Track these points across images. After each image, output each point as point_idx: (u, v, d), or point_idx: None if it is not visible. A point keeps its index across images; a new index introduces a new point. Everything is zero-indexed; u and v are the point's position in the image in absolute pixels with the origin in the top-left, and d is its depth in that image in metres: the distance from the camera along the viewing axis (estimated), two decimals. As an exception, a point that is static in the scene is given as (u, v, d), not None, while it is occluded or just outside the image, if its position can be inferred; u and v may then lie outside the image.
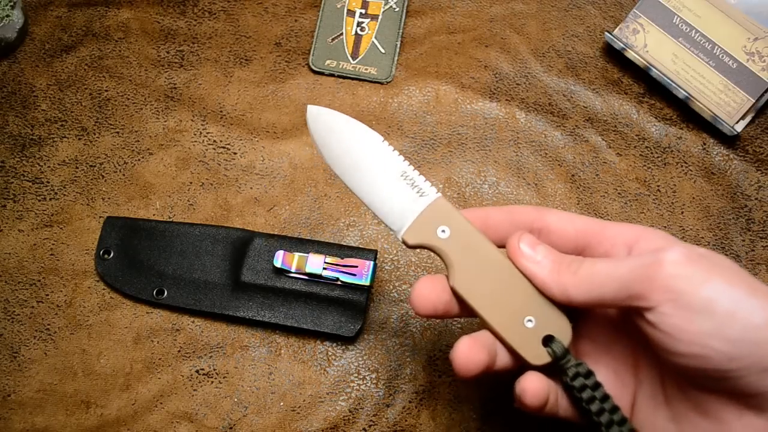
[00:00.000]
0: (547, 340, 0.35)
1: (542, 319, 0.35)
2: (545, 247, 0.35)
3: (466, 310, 0.36)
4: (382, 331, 0.49)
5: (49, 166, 0.52)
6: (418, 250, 0.50)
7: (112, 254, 0.50)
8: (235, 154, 0.53)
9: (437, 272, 0.50)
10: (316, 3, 0.57)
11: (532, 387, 0.34)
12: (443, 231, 0.36)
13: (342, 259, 0.48)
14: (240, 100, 0.54)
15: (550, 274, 0.34)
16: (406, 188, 0.37)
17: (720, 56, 0.52)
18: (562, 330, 0.35)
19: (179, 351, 0.48)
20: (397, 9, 0.56)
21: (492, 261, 0.35)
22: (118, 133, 0.53)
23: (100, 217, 0.51)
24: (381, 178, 0.37)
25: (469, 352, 0.34)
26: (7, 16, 0.54)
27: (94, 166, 0.52)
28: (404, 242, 0.37)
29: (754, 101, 0.52)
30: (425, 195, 0.37)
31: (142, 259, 0.49)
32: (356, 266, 0.47)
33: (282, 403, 0.47)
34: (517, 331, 0.35)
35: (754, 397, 0.30)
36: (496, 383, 0.47)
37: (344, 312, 0.48)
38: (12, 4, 0.54)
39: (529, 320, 0.35)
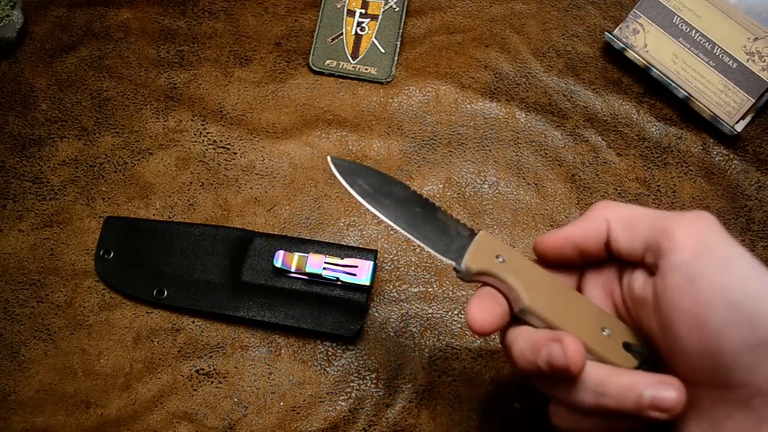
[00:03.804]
0: (626, 347, 0.35)
1: (614, 329, 0.35)
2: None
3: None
4: (382, 331, 0.49)
5: (49, 166, 0.52)
6: (418, 250, 0.50)
7: (112, 254, 0.50)
8: (235, 154, 0.53)
9: (438, 272, 0.50)
10: (316, 3, 0.57)
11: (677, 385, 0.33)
12: (499, 257, 0.36)
13: (342, 259, 0.48)
14: (240, 100, 0.54)
15: (581, 220, 0.35)
16: (448, 226, 0.38)
17: (720, 56, 0.52)
18: (635, 336, 0.35)
19: (179, 351, 0.48)
20: (397, 9, 0.56)
21: (551, 283, 0.36)
22: (118, 133, 0.53)
23: (100, 217, 0.51)
24: (424, 220, 0.38)
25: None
26: (7, 16, 0.54)
27: (94, 166, 0.52)
28: (467, 270, 0.36)
29: (754, 101, 0.52)
30: (466, 237, 0.37)
31: (142, 259, 0.49)
32: (356, 266, 0.47)
33: (282, 403, 0.47)
34: (600, 340, 0.34)
35: (743, 388, 0.30)
36: (496, 383, 0.47)
37: (344, 312, 0.48)
38: (12, 4, 0.54)
39: (605, 330, 0.35)
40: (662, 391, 0.31)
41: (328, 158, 0.39)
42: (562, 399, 0.34)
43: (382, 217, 0.38)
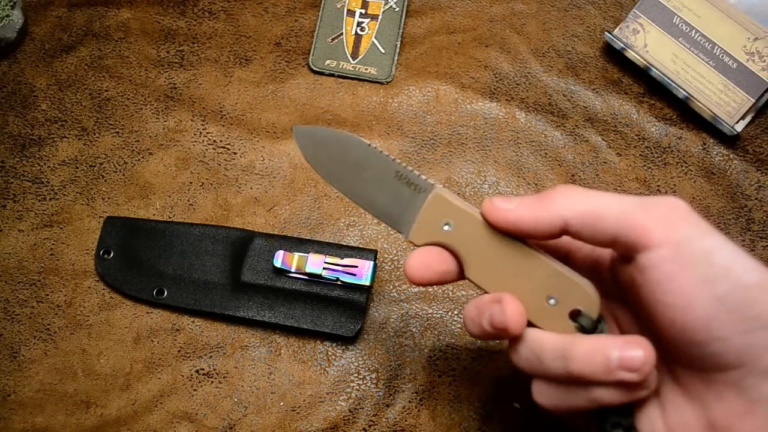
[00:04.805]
0: (576, 315, 0.34)
1: (565, 294, 0.34)
2: (518, 197, 0.35)
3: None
4: (382, 331, 0.49)
5: (49, 166, 0.52)
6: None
7: (112, 254, 0.50)
8: (235, 154, 0.53)
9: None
10: (316, 3, 0.57)
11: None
12: (447, 225, 0.36)
13: (342, 259, 0.48)
14: (240, 100, 0.54)
15: (536, 205, 0.33)
16: (403, 188, 0.37)
17: (720, 56, 0.52)
18: (589, 301, 0.34)
19: (179, 351, 0.48)
20: (397, 9, 0.56)
21: (502, 248, 0.35)
22: (118, 133, 0.53)
23: (100, 217, 0.51)
24: (376, 183, 0.37)
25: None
26: (7, 16, 0.54)
27: (94, 166, 0.52)
28: (412, 244, 0.37)
29: (754, 101, 0.52)
30: (423, 191, 0.36)
31: (142, 259, 0.49)
32: (356, 266, 0.47)
33: (282, 403, 0.47)
34: (541, 311, 0.34)
35: (734, 371, 0.30)
36: (496, 383, 0.47)
37: (344, 312, 0.48)
38: (12, 4, 0.54)
39: (551, 298, 0.34)
40: (629, 350, 0.31)
41: (293, 128, 0.39)
42: (535, 372, 0.34)
43: (339, 191, 0.38)
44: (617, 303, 0.36)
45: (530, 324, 0.35)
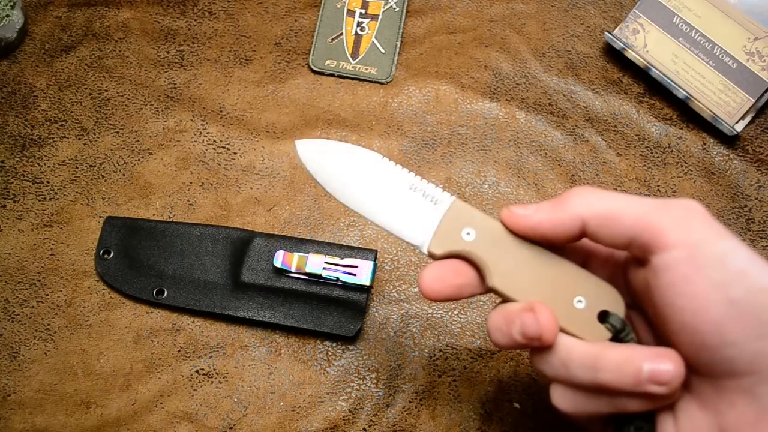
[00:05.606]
0: (603, 316, 0.33)
1: (592, 296, 0.34)
2: (534, 203, 0.34)
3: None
4: (382, 331, 0.49)
5: (49, 166, 0.52)
6: (418, 250, 0.50)
7: (112, 254, 0.50)
8: (235, 154, 0.53)
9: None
10: (316, 3, 0.57)
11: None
12: (468, 234, 0.35)
13: (342, 259, 0.48)
14: (240, 100, 0.54)
15: (554, 208, 0.33)
16: (418, 200, 0.36)
17: (720, 56, 0.52)
18: (615, 302, 0.34)
19: (179, 351, 0.48)
20: (397, 9, 0.56)
21: (525, 253, 0.34)
22: (118, 133, 0.53)
23: (100, 217, 0.51)
24: (391, 197, 0.36)
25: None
26: (7, 16, 0.54)
27: (94, 166, 0.52)
28: (431, 255, 0.35)
29: (754, 101, 0.52)
30: (440, 202, 0.36)
31: (142, 259, 0.49)
32: (356, 266, 0.47)
33: (282, 403, 0.47)
34: (570, 315, 0.34)
35: (746, 378, 0.30)
36: (496, 383, 0.47)
37: (344, 312, 0.48)
38: (12, 4, 0.54)
39: (579, 300, 0.34)
40: (660, 363, 0.31)
41: (296, 142, 0.37)
42: (560, 378, 0.34)
43: (348, 206, 0.37)
44: (631, 308, 0.36)
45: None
